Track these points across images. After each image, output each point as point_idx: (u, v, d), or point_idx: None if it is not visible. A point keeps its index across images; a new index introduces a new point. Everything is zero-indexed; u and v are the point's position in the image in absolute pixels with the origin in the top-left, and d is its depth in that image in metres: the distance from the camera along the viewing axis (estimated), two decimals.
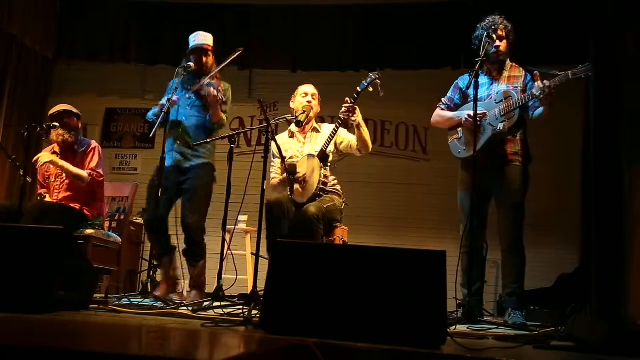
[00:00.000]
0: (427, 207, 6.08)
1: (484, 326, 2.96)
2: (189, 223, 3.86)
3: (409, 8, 6.04)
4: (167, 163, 3.91)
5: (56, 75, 6.65)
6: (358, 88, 3.64)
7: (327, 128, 3.88)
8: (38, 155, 3.98)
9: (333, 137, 3.75)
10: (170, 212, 3.97)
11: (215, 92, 3.79)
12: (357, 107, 3.61)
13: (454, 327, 2.70)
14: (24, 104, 6.13)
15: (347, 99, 3.62)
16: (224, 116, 3.92)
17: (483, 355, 1.96)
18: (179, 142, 3.94)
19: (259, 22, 6.32)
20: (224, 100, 3.86)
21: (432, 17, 5.97)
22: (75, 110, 4.15)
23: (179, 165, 3.92)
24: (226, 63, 3.89)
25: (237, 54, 3.81)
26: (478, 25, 3.60)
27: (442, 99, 3.77)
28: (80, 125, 4.21)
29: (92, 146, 4.14)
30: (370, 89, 3.62)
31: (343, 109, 3.60)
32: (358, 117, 3.61)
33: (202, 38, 4.01)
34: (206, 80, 3.84)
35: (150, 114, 4.04)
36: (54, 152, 4.12)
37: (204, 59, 3.98)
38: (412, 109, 6.19)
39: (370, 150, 3.79)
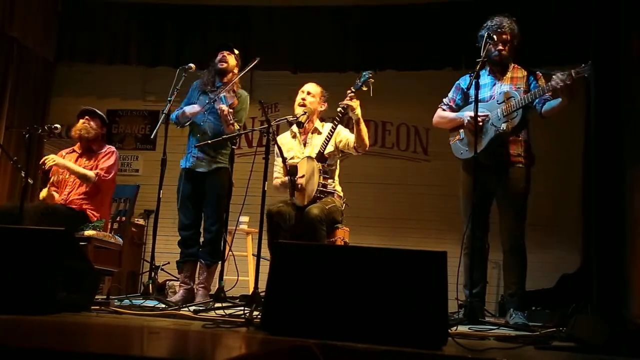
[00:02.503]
0: (427, 207, 6.08)
1: (486, 327, 2.96)
2: (213, 229, 3.93)
3: (409, 8, 6.04)
4: (184, 165, 4.00)
5: (57, 77, 6.67)
6: (352, 88, 3.64)
7: (328, 127, 3.86)
8: (45, 158, 3.99)
9: (331, 137, 3.74)
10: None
11: (225, 110, 3.78)
12: (357, 100, 3.61)
13: (455, 327, 2.70)
14: (25, 106, 6.14)
15: (349, 91, 3.63)
16: (237, 127, 3.92)
17: (484, 356, 1.96)
18: (197, 147, 3.97)
19: (260, 23, 6.33)
20: (232, 122, 3.83)
21: (432, 18, 5.97)
22: (99, 112, 4.25)
23: (197, 170, 3.96)
24: (245, 71, 3.92)
25: (255, 62, 3.84)
26: (484, 25, 3.54)
27: (444, 100, 3.76)
28: (103, 130, 4.27)
29: (110, 150, 4.23)
30: (365, 88, 3.62)
31: (343, 103, 3.61)
32: (357, 110, 3.61)
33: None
34: (222, 93, 3.86)
35: (173, 116, 4.05)
36: (73, 151, 4.17)
37: (227, 57, 4.06)
38: (413, 109, 6.19)
39: (367, 148, 3.79)
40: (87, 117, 4.18)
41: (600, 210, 2.33)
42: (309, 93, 3.88)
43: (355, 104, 3.61)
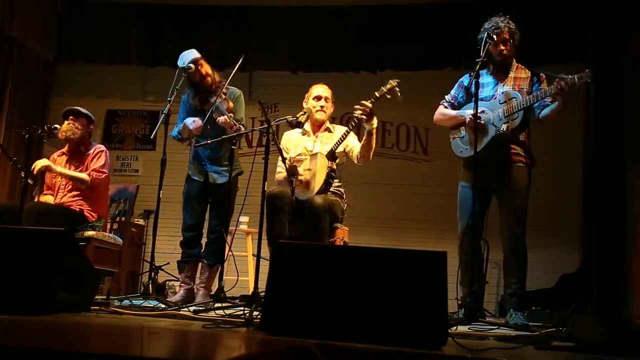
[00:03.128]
0: (427, 207, 6.09)
1: (486, 327, 2.96)
2: (218, 230, 3.94)
3: (409, 8, 6.05)
4: (197, 178, 3.99)
5: (57, 77, 6.67)
6: (376, 93, 3.58)
7: (340, 129, 3.88)
8: (35, 163, 3.98)
9: (344, 139, 3.75)
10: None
11: (226, 119, 3.71)
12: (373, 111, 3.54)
13: (455, 327, 2.70)
14: (25, 106, 6.14)
15: (366, 102, 3.53)
16: (242, 129, 3.90)
17: (484, 356, 1.96)
18: (207, 160, 3.97)
19: (259, 24, 6.33)
20: (236, 126, 3.75)
21: (432, 18, 5.98)
22: (84, 111, 4.19)
23: (211, 182, 3.96)
24: (232, 74, 3.84)
25: (239, 62, 3.79)
26: (482, 28, 3.53)
27: (446, 96, 3.75)
28: (89, 128, 4.22)
29: (100, 149, 4.18)
30: (389, 96, 3.58)
31: (358, 112, 3.53)
32: (374, 121, 3.57)
33: (187, 55, 3.96)
34: (217, 102, 3.79)
35: (175, 132, 4.00)
36: (63, 154, 4.15)
37: (200, 70, 3.92)
38: (412, 109, 6.14)
39: (368, 162, 3.77)
40: (71, 117, 4.13)
41: (600, 210, 2.33)
42: (326, 99, 3.87)
43: (374, 121, 3.55)
